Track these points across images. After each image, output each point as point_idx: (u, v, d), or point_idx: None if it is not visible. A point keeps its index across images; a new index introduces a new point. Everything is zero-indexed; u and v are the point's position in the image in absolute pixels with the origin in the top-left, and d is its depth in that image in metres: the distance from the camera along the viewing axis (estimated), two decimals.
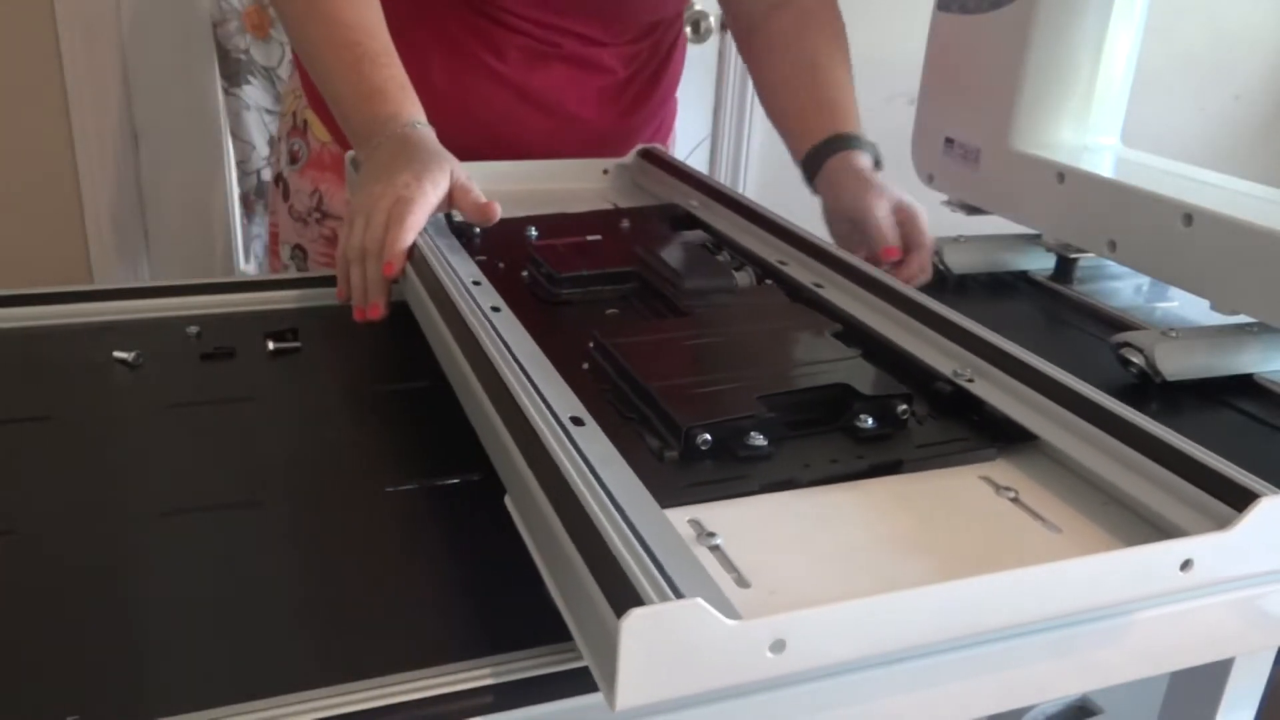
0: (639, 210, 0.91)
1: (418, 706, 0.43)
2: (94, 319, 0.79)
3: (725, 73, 1.93)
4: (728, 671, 0.37)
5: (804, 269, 0.75)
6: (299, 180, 1.07)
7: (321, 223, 1.06)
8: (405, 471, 0.61)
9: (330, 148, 1.04)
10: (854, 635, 0.39)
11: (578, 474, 0.45)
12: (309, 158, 1.06)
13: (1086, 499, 0.52)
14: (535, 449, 0.47)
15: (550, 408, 0.51)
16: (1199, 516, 0.48)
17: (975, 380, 0.59)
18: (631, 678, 0.36)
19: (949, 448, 0.55)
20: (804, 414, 0.55)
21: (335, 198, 1.04)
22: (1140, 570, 0.44)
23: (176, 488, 0.59)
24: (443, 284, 0.66)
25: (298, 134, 1.07)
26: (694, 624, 0.36)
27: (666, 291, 0.70)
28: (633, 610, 0.35)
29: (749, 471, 0.51)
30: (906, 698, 0.50)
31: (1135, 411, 0.54)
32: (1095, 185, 0.89)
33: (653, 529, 0.42)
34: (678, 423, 0.52)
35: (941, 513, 0.50)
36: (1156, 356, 0.76)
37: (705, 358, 0.61)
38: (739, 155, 1.99)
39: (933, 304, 0.66)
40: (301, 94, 1.06)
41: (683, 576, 0.39)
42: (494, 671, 0.45)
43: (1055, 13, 0.92)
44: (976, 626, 0.42)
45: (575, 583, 0.40)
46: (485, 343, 0.58)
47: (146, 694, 0.44)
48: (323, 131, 1.04)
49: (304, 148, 1.06)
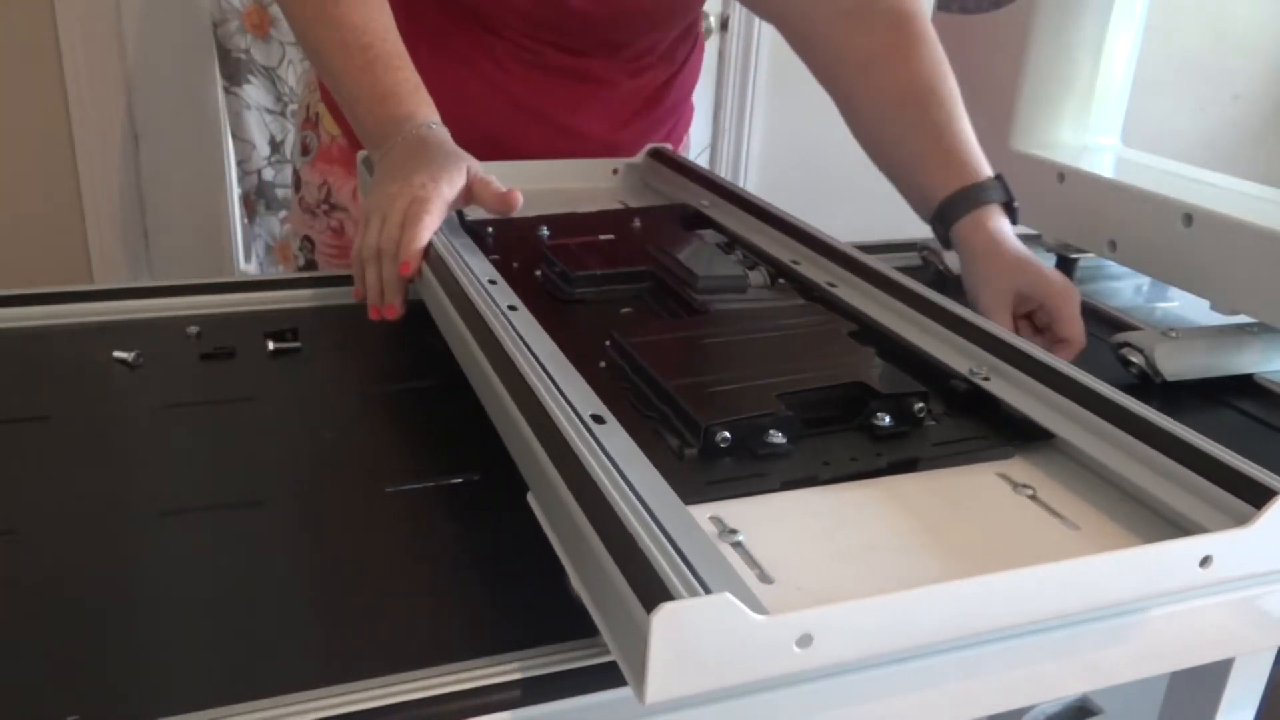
0: (651, 210, 0.92)
1: (418, 706, 0.43)
2: (94, 319, 0.79)
3: (725, 73, 1.93)
4: (755, 666, 0.38)
5: (817, 268, 0.76)
6: (309, 172, 1.07)
7: (329, 214, 1.06)
8: (405, 471, 0.61)
9: (339, 141, 1.04)
10: (880, 630, 0.40)
11: (602, 471, 0.45)
12: (318, 150, 1.06)
13: (1103, 496, 0.52)
14: (559, 446, 0.48)
15: (572, 405, 0.51)
16: (1217, 513, 0.48)
17: (991, 379, 0.59)
18: (661, 672, 0.36)
19: (966, 446, 0.55)
20: (821, 412, 0.56)
21: (343, 190, 1.05)
22: (1161, 566, 0.45)
23: (176, 488, 0.59)
24: (460, 283, 0.66)
25: (310, 126, 1.07)
26: (723, 619, 0.37)
27: (681, 290, 0.70)
28: (663, 605, 0.36)
29: (768, 469, 0.51)
30: (907, 698, 0.50)
31: (1151, 409, 0.54)
32: (1095, 185, 0.89)
33: (678, 525, 0.43)
34: (697, 421, 0.52)
35: (961, 510, 0.50)
36: (1156, 357, 0.76)
37: (722, 356, 0.61)
38: (739, 157, 1.99)
39: (947, 303, 0.67)
40: (316, 87, 1.06)
41: (710, 572, 0.39)
42: (497, 671, 0.45)
43: (1055, 13, 0.92)
44: (1001, 621, 0.43)
45: (603, 578, 0.40)
46: (505, 341, 0.58)
47: (146, 694, 0.44)
48: (333, 125, 1.05)
49: (315, 140, 1.06)
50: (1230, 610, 0.55)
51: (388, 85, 0.80)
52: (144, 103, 1.75)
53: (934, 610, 0.40)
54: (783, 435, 0.52)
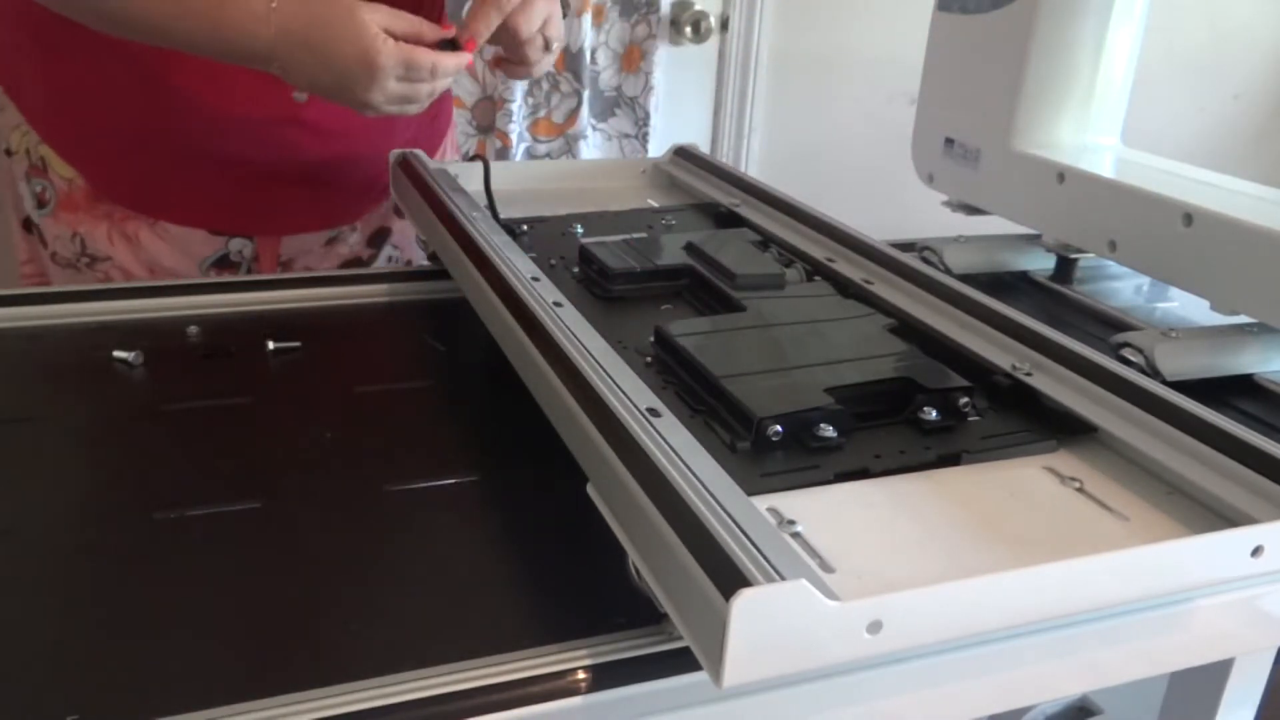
0: (682, 208, 0.93)
1: (417, 706, 0.43)
2: (94, 319, 0.79)
3: (725, 73, 1.92)
4: (827, 651, 0.39)
5: (852, 265, 0.77)
6: (54, 225, 0.93)
7: (93, 267, 0.93)
8: (405, 471, 0.61)
9: (77, 183, 0.91)
10: (947, 617, 0.41)
11: (669, 463, 0.46)
12: (58, 199, 0.92)
13: (1149, 489, 0.53)
14: (623, 439, 0.49)
15: (630, 399, 0.52)
16: (1265, 504, 0.49)
17: (1033, 374, 0.60)
18: (738, 657, 0.37)
19: (1011, 439, 0.56)
20: (868, 406, 0.56)
21: (96, 237, 0.92)
22: (1215, 556, 0.45)
23: (176, 488, 0.59)
24: (506, 280, 0.67)
25: (37, 174, 0.93)
26: (798, 605, 0.38)
27: (720, 286, 0.71)
28: (742, 591, 0.37)
29: (820, 461, 0.52)
30: (907, 697, 0.50)
31: (1194, 402, 0.55)
32: (1095, 185, 0.89)
33: (745, 515, 0.43)
34: (751, 414, 0.53)
35: (1011, 501, 0.51)
36: (1156, 357, 0.76)
37: (768, 351, 0.62)
38: (739, 156, 1.98)
39: (987, 300, 0.68)
40: (28, 129, 0.92)
41: (780, 560, 0.40)
42: (495, 671, 0.45)
43: (1055, 13, 0.92)
44: (1064, 609, 0.44)
45: (675, 567, 0.41)
46: (557, 336, 0.59)
47: (146, 694, 0.44)
48: (64, 167, 0.91)
49: (50, 188, 0.92)
50: (1230, 610, 0.55)
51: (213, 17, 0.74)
52: None
53: (1000, 597, 0.41)
54: (833, 429, 0.53)
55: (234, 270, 0.96)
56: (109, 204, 0.92)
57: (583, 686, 0.45)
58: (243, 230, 0.95)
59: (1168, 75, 2.14)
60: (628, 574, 0.48)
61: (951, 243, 1.00)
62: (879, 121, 1.98)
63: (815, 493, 0.50)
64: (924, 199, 1.10)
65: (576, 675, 0.45)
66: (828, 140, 2.02)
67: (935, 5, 1.04)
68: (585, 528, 0.53)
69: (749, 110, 1.95)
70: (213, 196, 0.93)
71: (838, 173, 1.99)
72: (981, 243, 1.02)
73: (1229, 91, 2.29)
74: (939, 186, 1.07)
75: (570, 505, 0.53)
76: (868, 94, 1.98)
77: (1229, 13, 2.20)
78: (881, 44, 1.94)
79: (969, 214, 1.06)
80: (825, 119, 2.00)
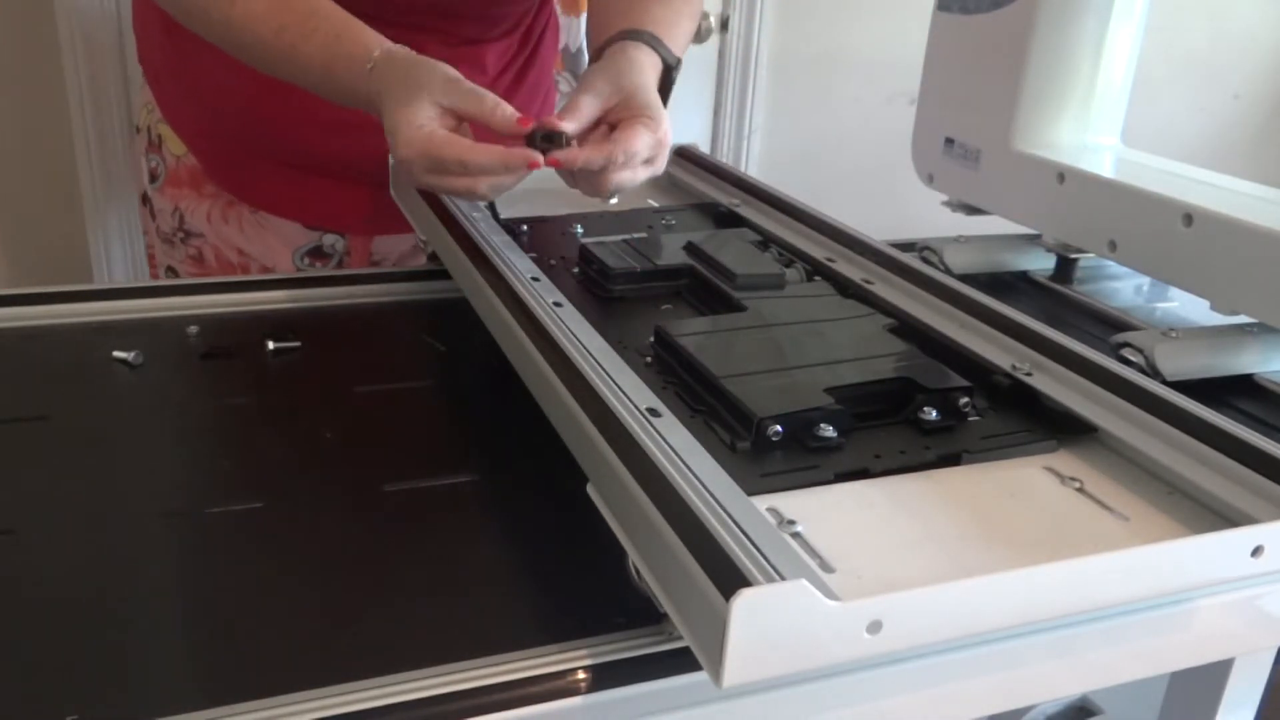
0: (682, 208, 0.93)
1: (417, 706, 0.43)
2: (94, 319, 0.79)
3: (725, 73, 1.93)
4: (826, 651, 0.39)
5: (852, 265, 0.77)
6: (160, 199, 1.01)
7: (186, 243, 1.00)
8: (405, 471, 0.61)
9: (186, 161, 0.99)
10: (947, 617, 0.41)
11: (669, 462, 0.47)
12: (166, 175, 1.00)
13: (1149, 489, 0.53)
14: (623, 439, 0.49)
15: (629, 399, 0.52)
16: (1265, 504, 0.49)
17: (1033, 374, 0.60)
18: (739, 657, 0.38)
19: (1011, 439, 0.56)
20: (869, 406, 0.56)
21: (195, 214, 0.99)
22: (1215, 556, 0.45)
23: (176, 487, 0.59)
24: (506, 280, 0.67)
25: (154, 149, 1.01)
26: (798, 605, 0.38)
27: (720, 286, 0.71)
28: (742, 591, 0.37)
29: (820, 461, 0.52)
30: (907, 697, 0.50)
31: (1194, 402, 0.55)
32: (1095, 185, 0.89)
33: (744, 515, 0.44)
34: (751, 414, 0.53)
35: (1011, 501, 0.51)
36: (1156, 357, 0.76)
37: (768, 351, 0.62)
38: (739, 155, 1.99)
39: (987, 300, 0.68)
40: (154, 107, 1.00)
41: (780, 560, 0.40)
42: (496, 671, 0.45)
43: (1055, 13, 0.92)
44: (1065, 608, 0.44)
45: (675, 567, 0.41)
46: (557, 336, 0.59)
47: (146, 694, 0.44)
48: (177, 145, 0.99)
49: (161, 164, 1.00)
50: (1230, 610, 0.55)
51: (319, 60, 0.76)
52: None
53: (1000, 597, 0.41)
54: (833, 429, 0.53)
55: (325, 261, 1.01)
56: (215, 186, 0.97)
57: (583, 686, 0.45)
58: (339, 228, 1.00)
59: (1168, 75, 2.14)
60: (628, 574, 0.48)
61: (951, 243, 1.00)
62: (879, 121, 1.98)
63: (815, 493, 0.50)
64: (924, 199, 1.10)
65: (576, 675, 0.45)
66: (828, 140, 2.02)
67: (935, 5, 1.04)
68: (585, 528, 0.53)
69: (749, 110, 1.95)
70: (314, 195, 0.98)
71: (838, 173, 1.99)
72: (981, 243, 1.02)
73: (1229, 91, 2.29)
74: (939, 186, 1.07)
75: (570, 505, 0.54)
76: (868, 94, 1.98)
77: (1229, 13, 2.20)
78: (881, 44, 1.95)
79: (969, 214, 1.06)
80: (825, 119, 2.01)
